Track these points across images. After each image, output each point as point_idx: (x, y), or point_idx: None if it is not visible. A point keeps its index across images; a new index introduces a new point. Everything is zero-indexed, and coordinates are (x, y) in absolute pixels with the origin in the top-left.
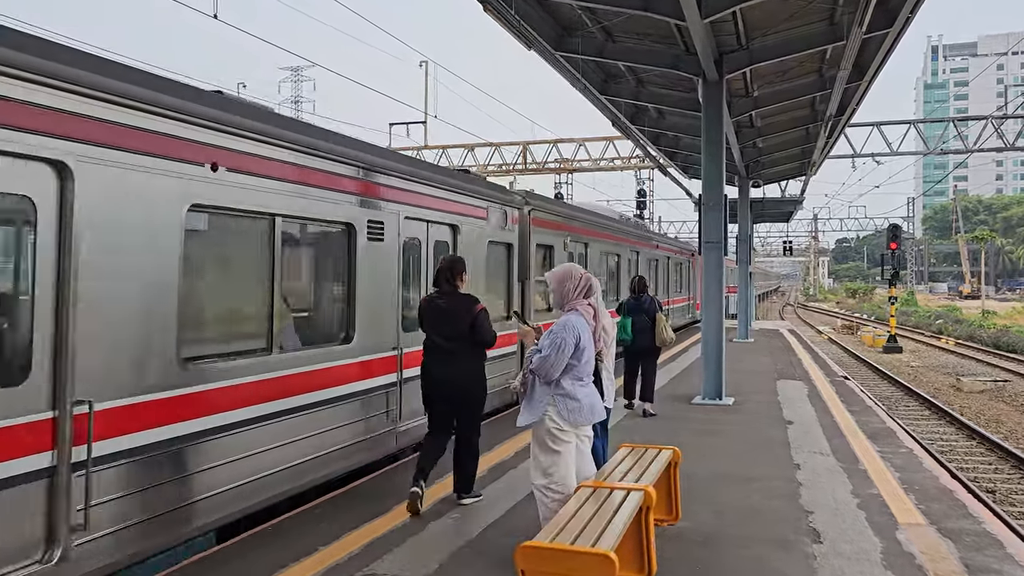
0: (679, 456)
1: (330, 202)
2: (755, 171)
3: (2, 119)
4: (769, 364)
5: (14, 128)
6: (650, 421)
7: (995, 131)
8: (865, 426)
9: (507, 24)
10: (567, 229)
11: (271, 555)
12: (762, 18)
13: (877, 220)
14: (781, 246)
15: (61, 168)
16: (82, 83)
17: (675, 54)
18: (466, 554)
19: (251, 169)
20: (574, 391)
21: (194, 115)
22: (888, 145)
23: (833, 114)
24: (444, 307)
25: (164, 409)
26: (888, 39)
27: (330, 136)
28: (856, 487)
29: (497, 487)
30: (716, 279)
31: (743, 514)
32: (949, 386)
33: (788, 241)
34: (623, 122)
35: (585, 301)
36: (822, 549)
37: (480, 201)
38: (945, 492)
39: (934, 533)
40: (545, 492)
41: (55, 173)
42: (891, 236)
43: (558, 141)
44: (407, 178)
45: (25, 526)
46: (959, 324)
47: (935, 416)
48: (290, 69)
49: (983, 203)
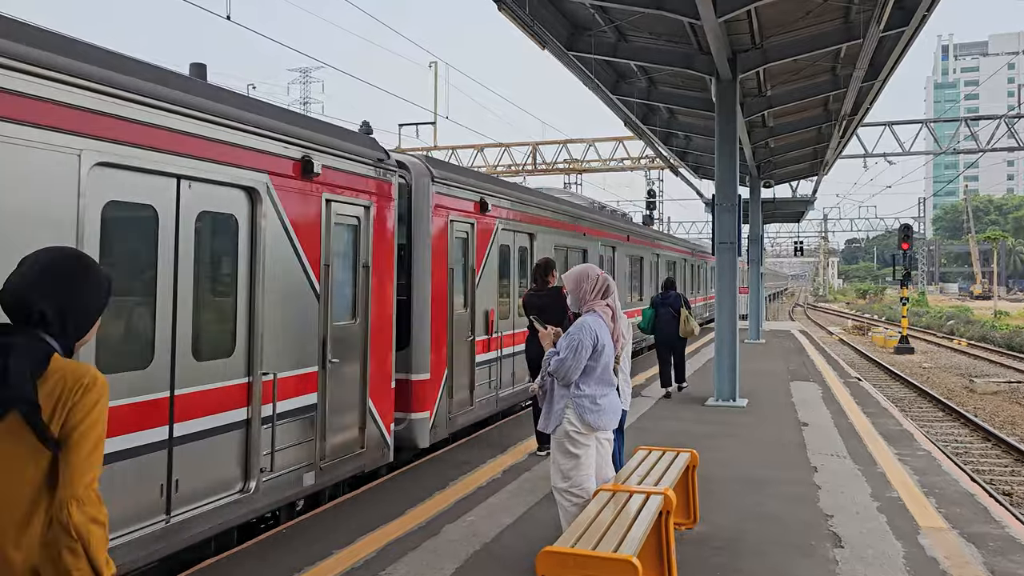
0: (697, 459)
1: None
2: (767, 171)
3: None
4: (782, 365)
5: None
6: (664, 423)
7: (1008, 130)
8: (882, 428)
9: (521, 24)
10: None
11: (288, 558)
12: (777, 17)
13: (888, 220)
14: (790, 246)
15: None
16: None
17: (688, 53)
18: (482, 557)
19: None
20: (592, 393)
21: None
22: (900, 145)
23: (848, 113)
24: (543, 301)
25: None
26: (904, 37)
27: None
28: (875, 490)
29: (511, 489)
30: (730, 280)
31: (762, 518)
32: (962, 387)
33: (799, 241)
34: (634, 122)
35: (603, 302)
36: (844, 554)
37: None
38: (966, 496)
39: (957, 538)
40: (565, 496)
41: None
42: (903, 236)
43: (568, 141)
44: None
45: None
46: (971, 325)
47: (949, 418)
48: (299, 71)
49: (994, 203)
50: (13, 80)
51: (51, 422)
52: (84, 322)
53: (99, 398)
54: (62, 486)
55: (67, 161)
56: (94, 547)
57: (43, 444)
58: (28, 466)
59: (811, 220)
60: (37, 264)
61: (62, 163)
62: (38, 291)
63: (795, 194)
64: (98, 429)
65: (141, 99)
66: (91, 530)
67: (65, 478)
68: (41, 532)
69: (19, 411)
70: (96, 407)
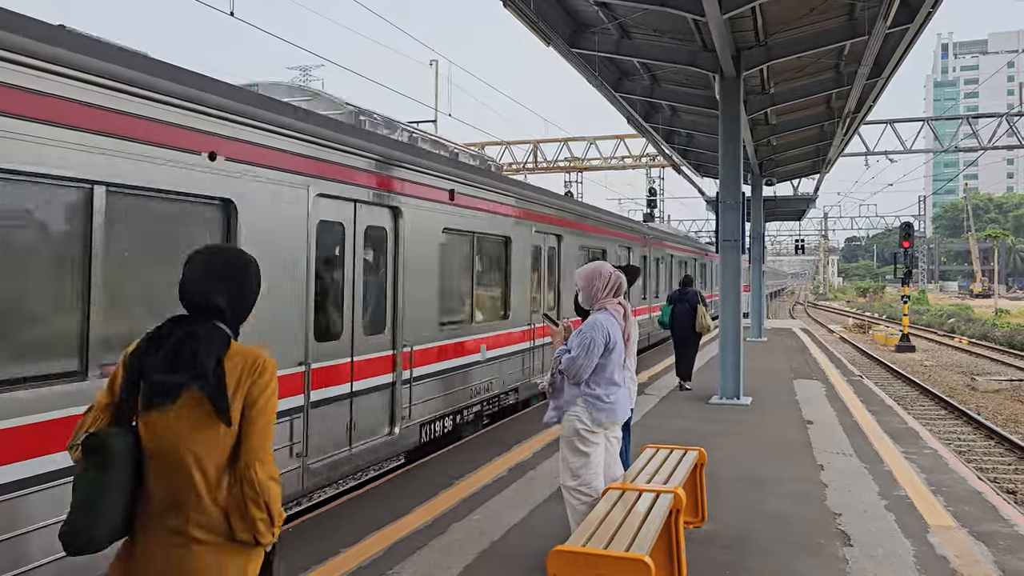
0: (705, 457)
1: None
2: (768, 169)
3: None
4: (784, 363)
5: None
6: (668, 421)
7: (1009, 128)
8: (887, 426)
9: (526, 20)
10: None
11: (296, 556)
12: (781, 14)
13: (888, 218)
14: (790, 244)
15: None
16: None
17: (692, 50)
18: (490, 556)
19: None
20: (603, 391)
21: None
22: (902, 143)
23: (852, 110)
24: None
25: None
26: (908, 34)
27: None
28: (883, 489)
29: (518, 487)
30: (733, 278)
31: (769, 516)
32: (964, 385)
33: (800, 240)
34: (637, 120)
35: (615, 300)
36: (853, 553)
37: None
38: (974, 494)
39: (966, 536)
40: (574, 494)
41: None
42: (904, 234)
43: (569, 139)
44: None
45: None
46: (972, 323)
47: (951, 416)
48: (299, 68)
49: (994, 201)
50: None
51: (234, 396)
52: (246, 310)
53: (272, 377)
54: (246, 450)
55: (301, 195)
56: (273, 499)
57: (219, 418)
58: (219, 433)
59: (811, 219)
60: (211, 263)
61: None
62: (215, 287)
63: (796, 192)
64: (273, 402)
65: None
66: (271, 486)
67: (249, 443)
68: (230, 486)
69: (205, 390)
70: (271, 385)
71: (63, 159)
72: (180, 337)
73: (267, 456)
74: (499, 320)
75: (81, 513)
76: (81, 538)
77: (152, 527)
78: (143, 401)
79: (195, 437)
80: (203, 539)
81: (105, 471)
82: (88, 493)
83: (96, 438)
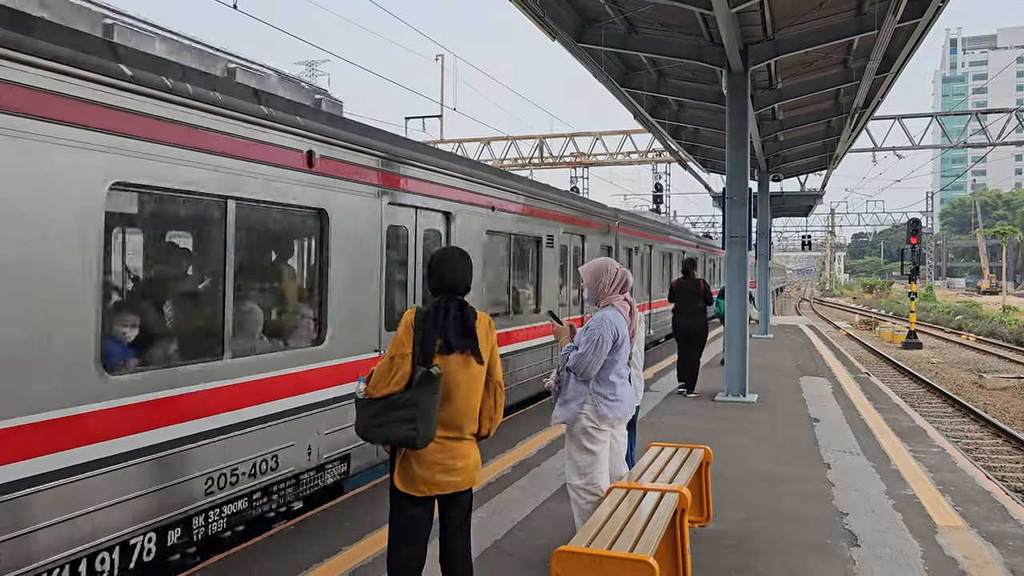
0: (710, 456)
1: None
2: (775, 165)
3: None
4: (791, 360)
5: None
6: (673, 419)
7: (1018, 123)
8: (894, 424)
9: (531, 14)
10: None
11: (295, 555)
12: (789, 8)
13: (895, 215)
14: (797, 240)
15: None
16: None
17: (699, 45)
18: (493, 554)
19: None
20: (611, 389)
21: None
22: (910, 139)
23: (860, 106)
24: (690, 288)
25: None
26: (918, 29)
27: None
28: (890, 488)
29: (521, 485)
30: (740, 274)
31: (776, 515)
32: (971, 383)
33: (807, 236)
34: (643, 115)
35: (621, 296)
36: (861, 553)
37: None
38: (983, 494)
39: (975, 537)
40: (580, 493)
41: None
42: (911, 231)
43: (575, 135)
44: None
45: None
46: (979, 320)
47: (959, 413)
48: (305, 63)
49: (1002, 198)
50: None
51: (483, 347)
52: (469, 289)
53: (495, 331)
54: (493, 378)
55: (375, 203)
56: (502, 405)
57: (477, 360)
58: (480, 377)
59: (818, 215)
60: (459, 259)
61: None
62: (466, 275)
63: (803, 188)
64: (497, 347)
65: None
66: (502, 399)
67: (494, 376)
68: (483, 400)
69: (471, 348)
70: (494, 335)
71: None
72: (457, 311)
73: (502, 380)
74: (531, 313)
75: (425, 421)
76: (428, 436)
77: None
78: (441, 349)
79: (466, 371)
80: (468, 437)
81: (436, 392)
82: (429, 407)
83: (430, 373)
